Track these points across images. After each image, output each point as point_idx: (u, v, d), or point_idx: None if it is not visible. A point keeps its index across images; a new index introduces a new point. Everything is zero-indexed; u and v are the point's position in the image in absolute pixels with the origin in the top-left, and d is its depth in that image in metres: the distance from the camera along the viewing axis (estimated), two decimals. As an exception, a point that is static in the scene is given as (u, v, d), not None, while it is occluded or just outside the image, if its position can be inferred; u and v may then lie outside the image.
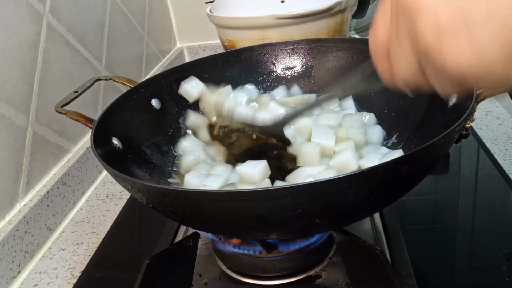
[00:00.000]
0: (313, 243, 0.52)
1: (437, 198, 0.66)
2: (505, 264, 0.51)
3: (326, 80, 0.71)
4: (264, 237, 0.50)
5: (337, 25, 0.92)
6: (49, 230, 0.69)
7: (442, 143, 0.41)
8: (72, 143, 0.80)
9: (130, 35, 1.07)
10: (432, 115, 0.58)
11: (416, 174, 0.43)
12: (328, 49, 0.71)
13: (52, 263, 0.65)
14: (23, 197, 0.67)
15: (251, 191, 0.38)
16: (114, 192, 0.79)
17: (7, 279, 0.60)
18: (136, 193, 0.45)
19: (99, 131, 0.53)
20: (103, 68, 0.93)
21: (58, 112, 0.57)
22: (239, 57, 0.72)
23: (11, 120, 0.65)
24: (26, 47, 0.70)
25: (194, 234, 0.52)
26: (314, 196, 0.37)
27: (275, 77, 0.73)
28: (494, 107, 0.85)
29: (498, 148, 0.73)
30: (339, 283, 0.52)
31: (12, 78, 0.66)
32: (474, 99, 0.46)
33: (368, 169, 0.37)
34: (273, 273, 0.53)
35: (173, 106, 0.68)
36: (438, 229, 0.61)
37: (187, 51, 1.38)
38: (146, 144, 0.62)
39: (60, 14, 0.79)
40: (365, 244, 0.45)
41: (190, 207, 0.41)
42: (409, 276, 0.50)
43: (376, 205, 0.46)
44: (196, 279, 0.54)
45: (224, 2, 0.95)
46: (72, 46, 0.82)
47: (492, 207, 0.62)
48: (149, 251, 0.61)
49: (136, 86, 0.64)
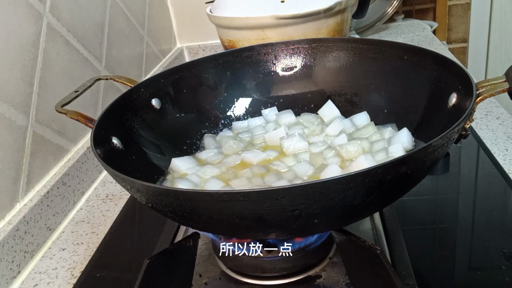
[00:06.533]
0: (313, 243, 0.52)
1: (437, 198, 0.66)
2: (505, 264, 0.51)
3: (326, 80, 0.71)
4: (263, 237, 0.50)
5: (337, 25, 0.92)
6: (49, 230, 0.69)
7: (441, 143, 0.41)
8: (72, 143, 0.80)
9: (130, 35, 1.07)
10: (432, 115, 0.58)
11: (415, 175, 0.43)
12: (328, 49, 0.70)
13: (52, 263, 0.65)
14: (23, 197, 0.67)
15: (250, 191, 0.38)
16: (114, 192, 0.79)
17: (7, 279, 0.60)
18: (136, 193, 0.45)
19: (99, 131, 0.53)
20: (103, 68, 0.93)
21: (58, 112, 0.57)
22: (239, 57, 0.72)
23: (11, 120, 0.66)
24: (26, 47, 0.70)
25: (194, 234, 0.52)
26: (313, 196, 0.37)
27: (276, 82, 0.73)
28: (494, 107, 0.85)
29: (498, 148, 0.73)
30: (339, 283, 0.51)
31: (12, 78, 0.66)
32: (473, 99, 0.46)
33: (367, 169, 0.37)
34: (273, 273, 0.53)
35: (173, 106, 0.68)
36: (438, 229, 0.61)
37: (187, 51, 1.38)
38: (146, 144, 0.62)
39: (60, 14, 0.79)
40: (365, 244, 0.45)
41: (189, 207, 0.41)
42: (409, 276, 0.50)
43: (376, 205, 0.46)
44: (196, 279, 0.54)
45: (224, 2, 0.96)
46: (72, 46, 0.82)
47: (492, 207, 0.62)
48: (149, 251, 0.61)
49: (136, 86, 0.64)
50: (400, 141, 0.58)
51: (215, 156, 0.64)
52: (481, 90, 0.48)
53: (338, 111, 0.68)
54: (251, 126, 0.70)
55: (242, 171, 0.60)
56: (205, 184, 0.58)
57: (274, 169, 0.59)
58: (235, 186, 0.57)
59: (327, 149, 0.61)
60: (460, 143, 0.72)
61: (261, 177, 0.58)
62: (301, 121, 0.68)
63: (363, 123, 0.65)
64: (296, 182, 0.56)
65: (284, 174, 0.58)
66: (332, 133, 0.64)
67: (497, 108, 0.85)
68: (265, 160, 0.62)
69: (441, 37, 1.56)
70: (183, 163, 0.62)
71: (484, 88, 0.48)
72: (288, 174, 0.58)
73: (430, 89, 0.58)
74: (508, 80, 0.48)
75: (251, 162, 0.62)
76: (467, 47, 1.63)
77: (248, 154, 0.63)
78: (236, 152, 0.65)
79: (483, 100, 0.47)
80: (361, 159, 0.53)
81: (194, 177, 0.59)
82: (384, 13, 1.36)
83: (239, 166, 0.62)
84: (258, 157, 0.62)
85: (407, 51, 0.62)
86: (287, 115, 0.69)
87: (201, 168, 0.61)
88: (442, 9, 1.55)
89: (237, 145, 0.66)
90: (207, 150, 0.66)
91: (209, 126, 0.71)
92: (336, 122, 0.65)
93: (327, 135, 0.65)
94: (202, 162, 0.64)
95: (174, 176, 0.61)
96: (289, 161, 0.60)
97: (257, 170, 0.59)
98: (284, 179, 0.56)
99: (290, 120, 0.69)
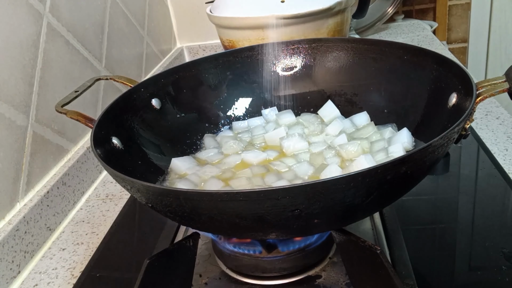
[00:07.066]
0: (313, 243, 0.52)
1: (437, 198, 0.66)
2: (505, 264, 0.51)
3: (326, 80, 0.71)
4: (263, 237, 0.50)
5: (337, 25, 0.92)
6: (49, 230, 0.69)
7: (441, 143, 0.41)
8: (72, 143, 0.80)
9: (130, 35, 1.07)
10: (432, 115, 0.58)
11: (415, 175, 0.43)
12: (328, 49, 0.70)
13: (52, 263, 0.65)
14: (23, 197, 0.67)
15: (250, 191, 0.38)
16: (114, 192, 0.79)
17: (7, 279, 0.60)
18: (136, 193, 0.45)
19: (99, 131, 0.53)
20: (103, 68, 0.93)
21: (58, 112, 0.57)
22: (239, 57, 0.72)
23: (11, 120, 0.66)
24: (26, 47, 0.70)
25: (194, 234, 0.52)
26: (313, 196, 0.37)
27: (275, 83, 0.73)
28: (494, 107, 0.85)
29: (498, 148, 0.73)
30: (339, 283, 0.52)
31: (12, 78, 0.66)
32: (473, 99, 0.46)
33: (367, 169, 0.37)
34: (273, 273, 0.53)
35: (173, 106, 0.68)
36: (438, 229, 0.60)
37: (187, 51, 1.38)
38: (146, 144, 0.62)
39: (60, 14, 0.79)
40: (365, 244, 0.45)
41: (188, 207, 0.41)
42: (409, 276, 0.50)
43: (376, 205, 0.46)
44: (196, 279, 0.54)
45: (224, 2, 0.95)
46: (72, 46, 0.82)
47: (492, 207, 0.62)
48: (149, 251, 0.61)
49: (136, 86, 0.64)
50: (400, 141, 0.58)
51: (215, 156, 0.65)
52: (481, 90, 0.48)
53: (338, 111, 0.68)
54: (251, 126, 0.70)
55: (242, 171, 0.60)
56: (205, 184, 0.58)
57: (274, 169, 0.59)
58: (235, 186, 0.57)
59: (327, 149, 0.61)
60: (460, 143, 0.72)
61: (261, 177, 0.58)
62: (301, 121, 0.68)
63: (363, 123, 0.65)
64: (296, 182, 0.56)
65: (284, 174, 0.58)
66: (332, 133, 0.64)
67: (497, 108, 0.85)
68: (265, 160, 0.62)
69: (441, 37, 1.56)
70: (183, 163, 0.62)
71: (484, 88, 0.48)
72: (288, 174, 0.58)
73: (430, 89, 0.58)
74: (508, 80, 0.48)
75: (251, 162, 0.62)
76: (467, 47, 1.63)
77: (248, 154, 0.63)
78: (236, 152, 0.65)
79: (483, 100, 0.47)
80: (361, 159, 0.53)
81: (194, 177, 0.59)
82: (384, 13, 1.36)
83: (239, 166, 0.62)
84: (258, 157, 0.62)
85: (407, 51, 0.62)
86: (287, 115, 0.69)
87: (201, 168, 0.61)
88: (442, 9, 1.55)
89: (237, 145, 0.66)
90: (207, 150, 0.66)
91: (209, 126, 0.71)
92: (336, 122, 0.65)
93: (327, 135, 0.65)
94: (202, 162, 0.64)
95: (174, 176, 0.61)
96: (289, 161, 0.60)
97: (257, 170, 0.59)
98: (284, 179, 0.56)
99: (290, 120, 0.69)
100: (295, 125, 0.68)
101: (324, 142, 0.63)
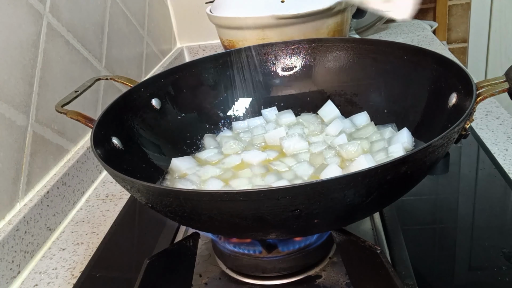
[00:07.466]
0: (313, 243, 0.52)
1: (437, 198, 0.66)
2: (505, 264, 0.51)
3: (326, 80, 0.71)
4: (263, 237, 0.50)
5: (337, 25, 0.92)
6: (49, 230, 0.69)
7: (441, 143, 0.41)
8: (72, 143, 0.80)
9: (130, 35, 1.07)
10: (432, 115, 0.58)
11: (415, 175, 0.43)
12: (328, 49, 0.70)
13: (52, 263, 0.65)
14: (23, 197, 0.67)
15: (250, 191, 0.38)
16: (114, 192, 0.79)
17: (7, 279, 0.60)
18: (136, 193, 0.45)
19: (99, 131, 0.53)
20: (103, 68, 0.93)
21: (58, 112, 0.57)
22: (239, 57, 0.72)
23: (11, 120, 0.66)
24: (26, 47, 0.70)
25: (194, 234, 0.52)
26: (313, 196, 0.37)
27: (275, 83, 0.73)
28: (494, 107, 0.85)
29: (498, 148, 0.73)
30: (339, 283, 0.52)
31: (12, 78, 0.66)
32: (473, 99, 0.46)
33: (367, 169, 0.37)
34: (273, 273, 0.53)
35: (173, 106, 0.68)
36: (438, 229, 0.60)
37: (187, 51, 1.38)
38: (146, 144, 0.62)
39: (60, 14, 0.79)
40: (365, 244, 0.45)
41: (189, 207, 0.41)
42: (409, 276, 0.50)
43: (376, 205, 0.46)
44: (196, 279, 0.54)
45: (224, 2, 0.95)
46: (72, 46, 0.82)
47: (492, 207, 0.62)
48: (149, 251, 0.61)
49: (136, 86, 0.64)
50: (400, 141, 0.58)
51: (215, 156, 0.65)
52: (481, 90, 0.48)
53: (338, 111, 0.68)
54: (251, 126, 0.70)
55: (242, 171, 0.60)
56: (205, 184, 0.58)
57: (274, 169, 0.59)
58: (235, 186, 0.57)
59: (327, 149, 0.61)
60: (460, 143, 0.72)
61: (261, 177, 0.58)
62: (301, 121, 0.68)
63: (363, 123, 0.65)
64: (296, 182, 0.56)
65: (284, 174, 0.58)
66: (332, 133, 0.64)
67: (497, 108, 0.85)
68: (265, 160, 0.62)
69: (441, 37, 1.56)
70: (183, 163, 0.62)
71: (484, 88, 0.48)
72: (288, 174, 0.58)
73: (430, 89, 0.58)
74: (508, 80, 0.48)
75: (251, 162, 0.62)
76: (467, 47, 1.63)
77: (248, 154, 0.63)
78: (236, 152, 0.65)
79: (483, 100, 0.47)
80: (361, 159, 0.53)
81: (194, 177, 0.59)
82: (384, 13, 1.36)
83: (239, 166, 0.62)
84: (258, 157, 0.62)
85: (407, 51, 0.62)
86: (287, 115, 0.69)
87: (201, 168, 0.61)
88: (442, 9, 1.55)
89: (237, 145, 0.66)
90: (207, 150, 0.66)
91: (209, 126, 0.71)
92: (336, 122, 0.65)
93: (327, 135, 0.65)
94: (202, 162, 0.64)
95: (174, 176, 0.61)
96: (289, 161, 0.60)
97: (257, 170, 0.59)
98: (284, 179, 0.56)
99: (290, 120, 0.69)
100: (295, 125, 0.68)
101: (324, 142, 0.63)
